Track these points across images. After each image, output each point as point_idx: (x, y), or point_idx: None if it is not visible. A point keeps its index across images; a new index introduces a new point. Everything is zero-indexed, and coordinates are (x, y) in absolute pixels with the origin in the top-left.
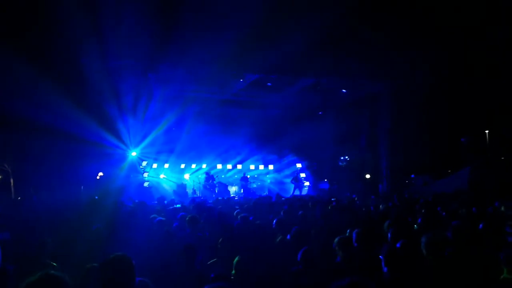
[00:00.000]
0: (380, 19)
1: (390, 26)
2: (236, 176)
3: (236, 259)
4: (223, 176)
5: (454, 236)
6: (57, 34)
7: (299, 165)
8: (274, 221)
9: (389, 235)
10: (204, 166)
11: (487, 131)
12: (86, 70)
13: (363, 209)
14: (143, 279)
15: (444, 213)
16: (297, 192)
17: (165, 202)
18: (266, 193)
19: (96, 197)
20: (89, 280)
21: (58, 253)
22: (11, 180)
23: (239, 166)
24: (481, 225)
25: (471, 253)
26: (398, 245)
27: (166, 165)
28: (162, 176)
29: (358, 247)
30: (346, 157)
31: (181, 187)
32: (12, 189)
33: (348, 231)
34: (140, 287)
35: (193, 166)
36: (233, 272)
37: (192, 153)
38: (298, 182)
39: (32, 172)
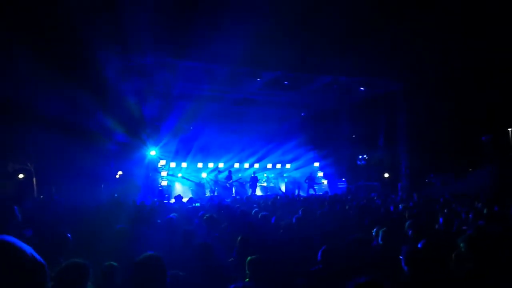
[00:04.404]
0: (398, 17)
1: (409, 24)
2: (253, 175)
3: (248, 259)
4: (240, 175)
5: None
6: (80, 33)
7: (316, 164)
8: (294, 218)
9: (409, 233)
10: (221, 165)
11: (510, 129)
12: (106, 69)
13: (382, 208)
14: (174, 271)
15: (466, 214)
16: (311, 191)
17: (183, 200)
18: (281, 192)
19: (116, 195)
20: (108, 278)
21: (79, 250)
22: (34, 179)
23: (256, 165)
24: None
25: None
26: (419, 245)
27: (184, 164)
28: (179, 175)
29: (383, 245)
30: (365, 156)
31: (199, 186)
32: (35, 187)
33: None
34: (171, 279)
35: (211, 165)
36: (247, 272)
37: (210, 152)
38: (311, 181)
39: (54, 171)
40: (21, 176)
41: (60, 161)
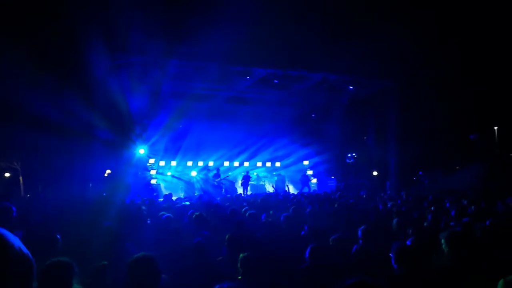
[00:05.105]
0: (388, 16)
1: (398, 23)
2: (243, 173)
3: (241, 256)
4: (230, 173)
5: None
6: (67, 31)
7: (306, 163)
8: (282, 217)
9: (397, 230)
10: (211, 163)
11: (496, 128)
12: (95, 67)
13: (370, 207)
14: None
15: (453, 211)
16: (305, 190)
17: (173, 199)
18: (269, 190)
19: (104, 194)
20: (100, 278)
21: (68, 250)
22: (20, 178)
23: (246, 164)
24: (488, 222)
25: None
26: (408, 242)
27: (173, 163)
28: (169, 173)
29: (363, 244)
30: (354, 154)
31: (189, 184)
32: (22, 186)
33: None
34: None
35: (200, 163)
36: (239, 268)
37: (199, 151)
38: (305, 180)
39: (40, 169)
40: (7, 174)
41: (47, 160)
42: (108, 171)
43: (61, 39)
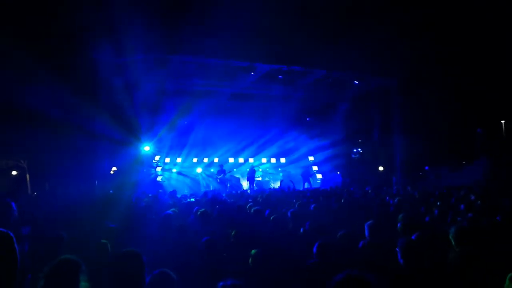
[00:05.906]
0: (390, 11)
1: (402, 18)
2: (248, 169)
3: (253, 252)
4: (235, 169)
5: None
6: (70, 30)
7: (311, 158)
8: (289, 213)
9: (399, 225)
10: (216, 160)
11: (503, 121)
12: (99, 65)
13: (376, 202)
14: (164, 270)
15: (462, 205)
16: (307, 185)
17: (178, 196)
18: (274, 186)
19: (111, 191)
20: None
21: (74, 247)
22: (27, 176)
23: (251, 160)
24: (498, 217)
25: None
26: (413, 237)
27: (179, 159)
28: (174, 170)
29: (370, 239)
30: (359, 149)
31: (195, 181)
32: (28, 184)
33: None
34: (160, 278)
35: (205, 160)
36: (250, 264)
37: (204, 147)
38: (307, 175)
39: (47, 168)
40: (14, 173)
41: (53, 158)
42: (114, 168)
43: (66, 39)
